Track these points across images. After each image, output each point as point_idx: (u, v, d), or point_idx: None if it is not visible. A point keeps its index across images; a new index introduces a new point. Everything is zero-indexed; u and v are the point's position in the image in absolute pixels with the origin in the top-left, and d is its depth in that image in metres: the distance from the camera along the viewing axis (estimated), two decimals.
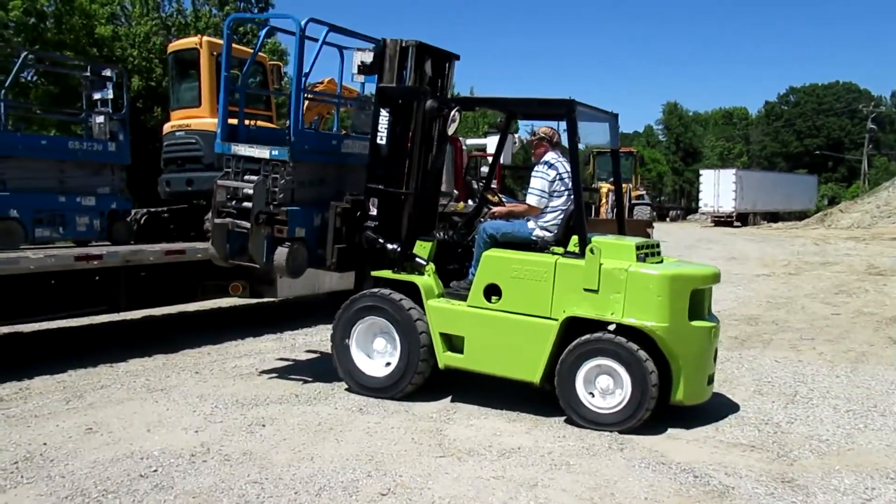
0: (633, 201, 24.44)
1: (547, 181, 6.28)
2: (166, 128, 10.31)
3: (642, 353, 5.53)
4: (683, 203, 68.05)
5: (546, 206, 6.28)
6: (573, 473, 4.74)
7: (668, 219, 54.56)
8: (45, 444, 5.22)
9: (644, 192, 26.66)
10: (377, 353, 6.58)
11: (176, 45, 10.79)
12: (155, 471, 4.72)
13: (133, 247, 8.45)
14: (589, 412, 5.68)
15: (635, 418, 5.53)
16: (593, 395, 5.70)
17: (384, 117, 6.67)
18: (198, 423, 5.68)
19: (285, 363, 7.88)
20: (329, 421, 5.76)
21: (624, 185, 24.59)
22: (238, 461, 4.89)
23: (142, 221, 10.16)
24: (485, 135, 25.21)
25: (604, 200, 23.75)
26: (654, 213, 31.93)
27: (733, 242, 27.95)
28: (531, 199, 6.33)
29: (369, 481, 4.58)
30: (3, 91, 8.67)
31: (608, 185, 24.25)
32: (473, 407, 6.14)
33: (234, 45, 10.40)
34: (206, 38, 9.98)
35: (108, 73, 9.44)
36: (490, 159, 19.64)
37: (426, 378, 6.39)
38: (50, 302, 7.61)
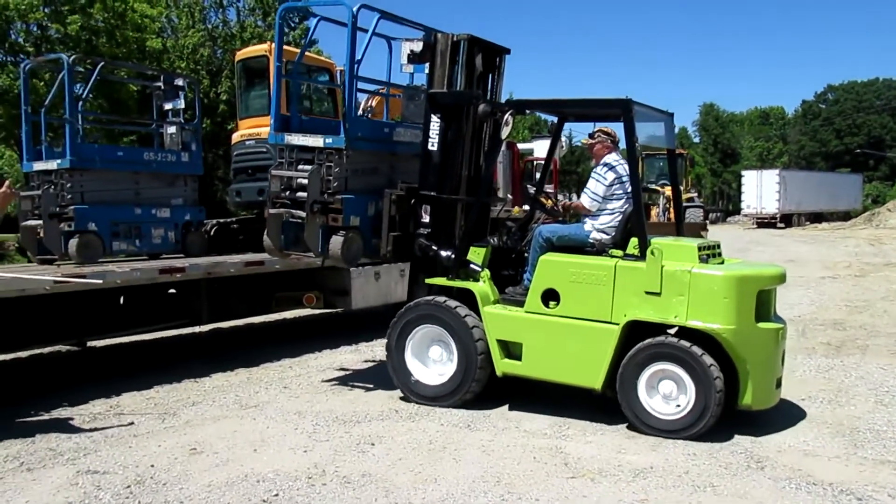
0: (685, 204, 23.89)
1: (604, 185, 6.12)
2: (235, 137, 10.15)
3: (706, 358, 5.35)
4: (721, 205, 67.07)
5: (602, 209, 6.12)
6: (721, 496, 4.42)
7: (707, 221, 53.71)
8: (152, 465, 5.03)
9: (695, 195, 26.10)
10: (433, 362, 6.46)
11: (244, 52, 10.64)
12: (276, 495, 4.49)
13: (214, 259, 8.31)
14: (652, 418, 5.52)
15: (700, 424, 5.34)
16: (657, 401, 5.53)
17: (435, 123, 6.58)
18: (304, 443, 5.45)
19: (371, 377, 7.63)
20: (439, 439, 5.50)
21: None
22: (359, 484, 4.65)
23: (212, 232, 10.02)
24: (532, 139, 24.95)
25: (653, 204, 23.29)
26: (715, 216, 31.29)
27: (784, 244, 27.30)
28: (584, 200, 6.19)
29: None
30: (80, 103, 8.57)
31: (657, 188, 23.82)
32: (585, 422, 5.83)
33: (293, 49, 10.26)
34: (274, 45, 9.79)
35: (180, 82, 9.32)
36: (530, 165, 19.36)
37: (484, 385, 6.24)
38: (135, 315, 7.48)
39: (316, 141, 6.67)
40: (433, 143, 6.58)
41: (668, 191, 23.77)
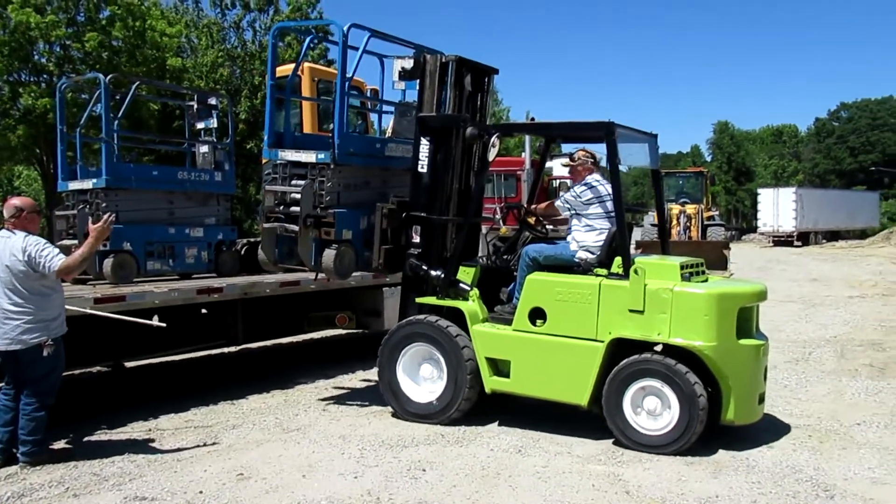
0: (706, 222, 23.69)
1: (577, 200, 6.32)
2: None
3: (690, 375, 5.45)
4: (736, 223, 66.68)
5: (586, 228, 6.25)
6: None
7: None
8: (200, 492, 4.90)
9: (716, 213, 25.85)
10: (424, 380, 6.56)
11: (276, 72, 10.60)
12: None
13: (250, 278, 8.21)
14: (637, 434, 5.62)
15: (683, 440, 5.45)
16: (641, 417, 5.64)
17: (425, 146, 6.70)
18: (353, 468, 5.32)
19: None
20: (492, 464, 5.36)
21: (695, 206, 24.04)
22: None
23: (242, 252, 9.92)
24: (551, 157, 24.84)
25: (674, 222, 23.06)
26: (729, 234, 31.00)
27: (804, 263, 27.05)
28: (557, 202, 6.66)
29: None
30: (116, 123, 8.53)
31: (678, 207, 23.65)
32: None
33: (323, 68, 10.20)
34: (307, 65, 9.79)
35: (213, 101, 9.27)
36: (553, 182, 19.27)
37: (473, 403, 6.34)
38: (172, 336, 7.36)
39: (308, 156, 6.81)
40: (423, 165, 6.70)
41: (689, 208, 23.64)
